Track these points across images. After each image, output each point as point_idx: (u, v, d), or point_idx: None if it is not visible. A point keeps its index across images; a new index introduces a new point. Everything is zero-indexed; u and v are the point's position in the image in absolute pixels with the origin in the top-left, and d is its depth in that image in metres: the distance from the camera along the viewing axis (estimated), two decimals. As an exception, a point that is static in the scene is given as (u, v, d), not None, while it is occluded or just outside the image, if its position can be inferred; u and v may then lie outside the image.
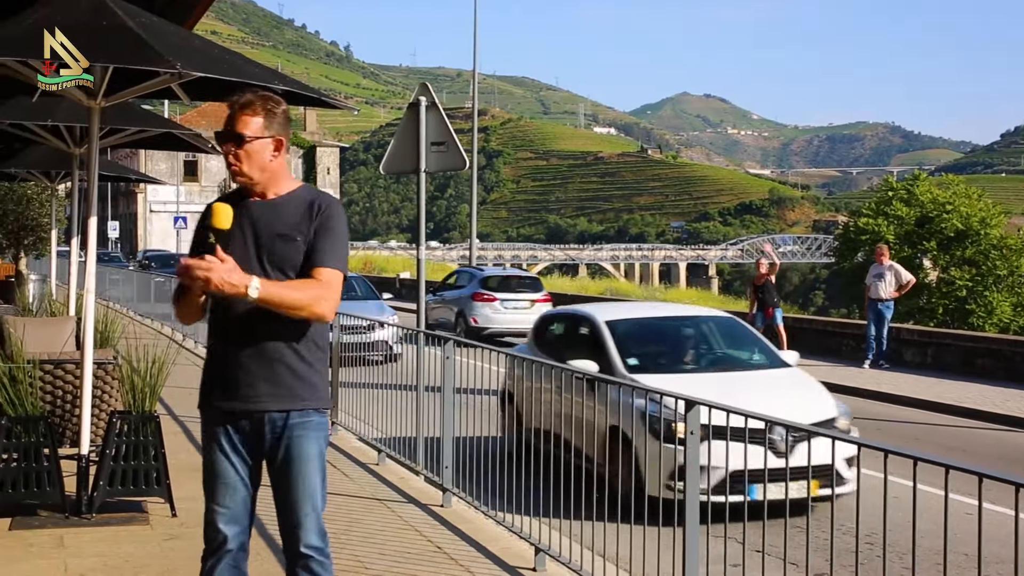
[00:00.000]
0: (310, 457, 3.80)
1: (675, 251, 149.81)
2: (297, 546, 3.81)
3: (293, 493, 3.80)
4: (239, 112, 3.78)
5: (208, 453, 3.86)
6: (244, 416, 3.78)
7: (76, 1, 6.14)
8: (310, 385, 3.80)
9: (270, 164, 3.82)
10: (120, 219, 71.72)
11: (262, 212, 3.80)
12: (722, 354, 10.31)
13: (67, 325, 9.76)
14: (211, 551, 3.85)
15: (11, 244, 28.49)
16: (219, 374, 3.82)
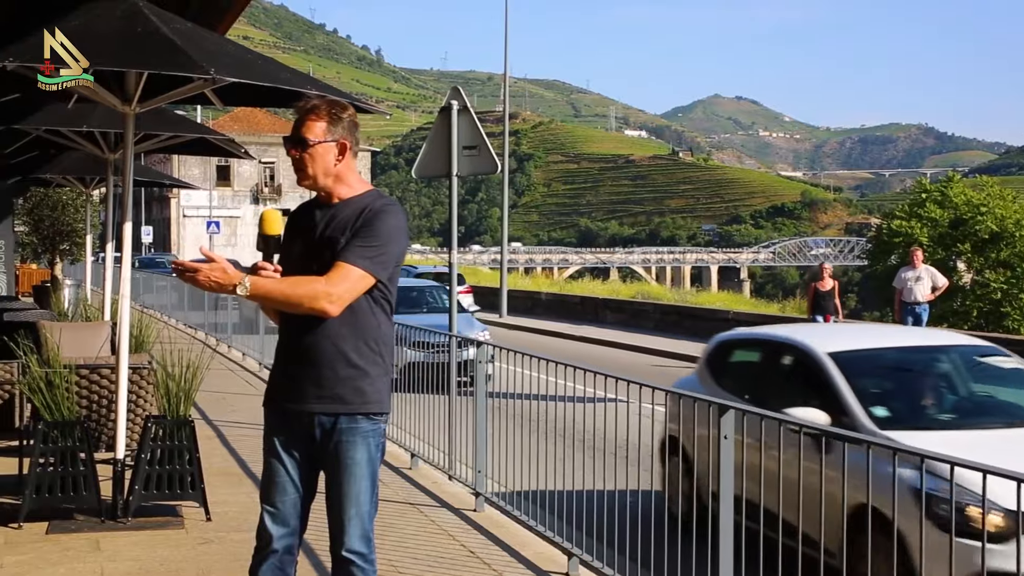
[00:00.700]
0: (356, 463, 3.81)
1: (706, 254, 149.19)
2: (339, 550, 3.83)
3: (338, 497, 3.82)
4: (305, 116, 3.86)
5: (265, 452, 3.93)
6: (296, 417, 3.84)
7: (111, 8, 6.18)
8: (359, 390, 3.80)
9: (334, 168, 3.87)
10: (154, 224, 72.22)
11: (322, 217, 3.87)
12: (1002, 402, 7.52)
13: (102, 330, 9.83)
14: (259, 549, 3.90)
15: (47, 249, 28.77)
16: (279, 374, 3.92)
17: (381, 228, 3.77)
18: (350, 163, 3.91)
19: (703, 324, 27.13)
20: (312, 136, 3.82)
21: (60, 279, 26.06)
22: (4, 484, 7.62)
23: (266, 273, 3.72)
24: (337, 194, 3.89)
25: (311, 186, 3.90)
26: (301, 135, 3.84)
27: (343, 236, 3.77)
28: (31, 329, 9.23)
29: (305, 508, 3.93)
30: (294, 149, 3.85)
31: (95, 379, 7.38)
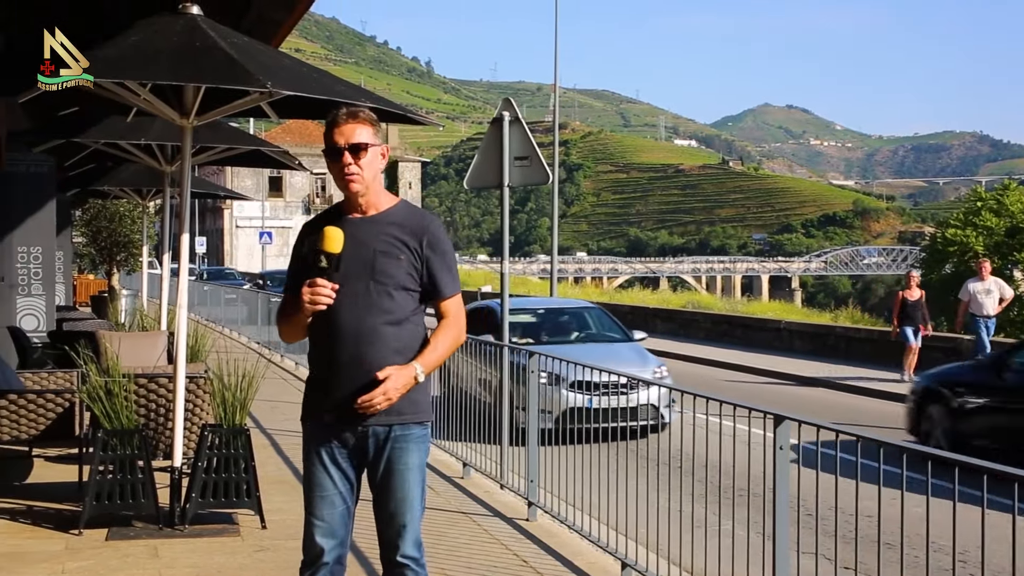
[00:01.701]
0: (410, 468, 3.85)
1: (757, 263, 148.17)
2: (394, 555, 3.85)
3: (392, 503, 3.85)
4: (350, 122, 3.83)
5: (308, 466, 3.92)
6: (348, 430, 3.84)
7: (171, 24, 6.28)
8: (413, 401, 3.85)
9: (379, 174, 3.91)
10: (207, 235, 73.08)
11: (363, 228, 3.84)
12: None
13: (160, 340, 9.97)
14: (308, 563, 3.91)
15: (104, 260, 29.17)
16: (324, 389, 3.87)
17: (448, 248, 3.94)
18: (381, 172, 3.97)
19: (754, 334, 26.97)
20: (367, 140, 3.83)
21: (117, 289, 26.42)
22: (65, 491, 7.76)
23: (324, 291, 3.67)
24: (375, 204, 3.90)
25: (361, 192, 3.85)
26: (356, 141, 3.81)
27: (402, 253, 3.82)
28: (90, 338, 9.38)
29: (351, 518, 3.96)
30: (351, 154, 3.81)
31: (153, 388, 7.48)
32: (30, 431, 7.68)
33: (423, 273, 3.86)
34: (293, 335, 4.00)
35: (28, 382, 8.30)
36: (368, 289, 3.79)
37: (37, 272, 13.32)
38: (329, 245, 3.69)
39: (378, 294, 3.79)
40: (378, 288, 3.79)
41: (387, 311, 3.80)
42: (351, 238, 3.77)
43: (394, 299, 3.81)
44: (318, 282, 3.68)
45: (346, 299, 3.76)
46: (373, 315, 3.78)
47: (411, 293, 3.86)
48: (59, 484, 8.11)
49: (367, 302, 3.79)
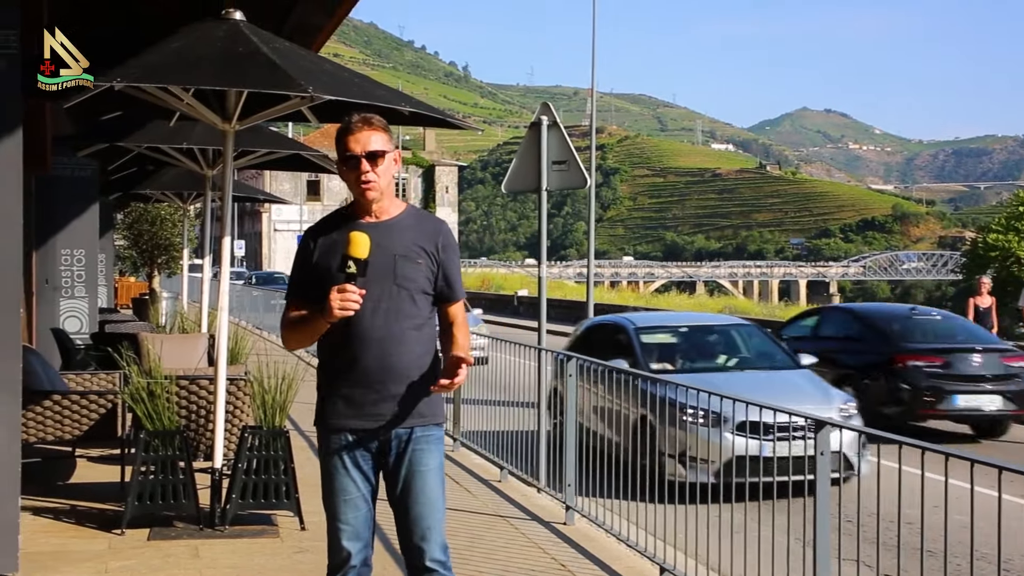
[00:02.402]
0: (431, 469, 3.88)
1: (795, 268, 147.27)
2: (423, 560, 3.85)
3: (417, 506, 3.85)
4: (365, 130, 3.83)
5: (328, 470, 3.91)
6: (371, 434, 3.85)
7: (213, 29, 6.34)
8: (432, 403, 3.90)
9: (392, 180, 3.93)
10: (246, 238, 73.61)
11: (381, 233, 3.83)
12: None
13: (200, 342, 10.05)
14: (336, 567, 3.92)
15: (145, 263, 29.45)
16: (343, 393, 3.86)
17: (457, 251, 4.01)
18: None
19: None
20: (382, 147, 3.83)
21: (158, 292, 26.67)
22: (107, 491, 7.84)
23: (353, 297, 3.64)
24: (387, 209, 3.91)
25: (377, 198, 3.85)
26: (373, 148, 3.81)
27: (421, 257, 3.86)
28: (132, 340, 9.47)
29: (373, 520, 3.97)
30: (368, 162, 3.81)
31: (194, 390, 7.54)
32: (73, 432, 7.78)
33: (439, 276, 3.90)
34: (302, 342, 3.95)
35: (71, 383, 8.40)
36: (391, 294, 3.81)
37: (80, 275, 13.48)
38: (357, 250, 3.67)
39: (401, 299, 3.82)
40: (401, 293, 3.82)
41: (410, 315, 3.83)
42: (372, 243, 3.74)
43: (416, 303, 3.85)
44: (348, 288, 3.64)
45: (369, 304, 3.75)
46: (398, 320, 3.81)
47: (428, 297, 3.90)
48: (101, 484, 8.19)
49: (391, 307, 3.81)
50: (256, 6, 7.86)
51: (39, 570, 5.96)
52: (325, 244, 3.87)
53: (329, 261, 3.81)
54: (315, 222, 4.08)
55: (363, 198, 3.86)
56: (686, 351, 11.56)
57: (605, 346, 11.22)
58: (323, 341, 3.89)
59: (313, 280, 3.84)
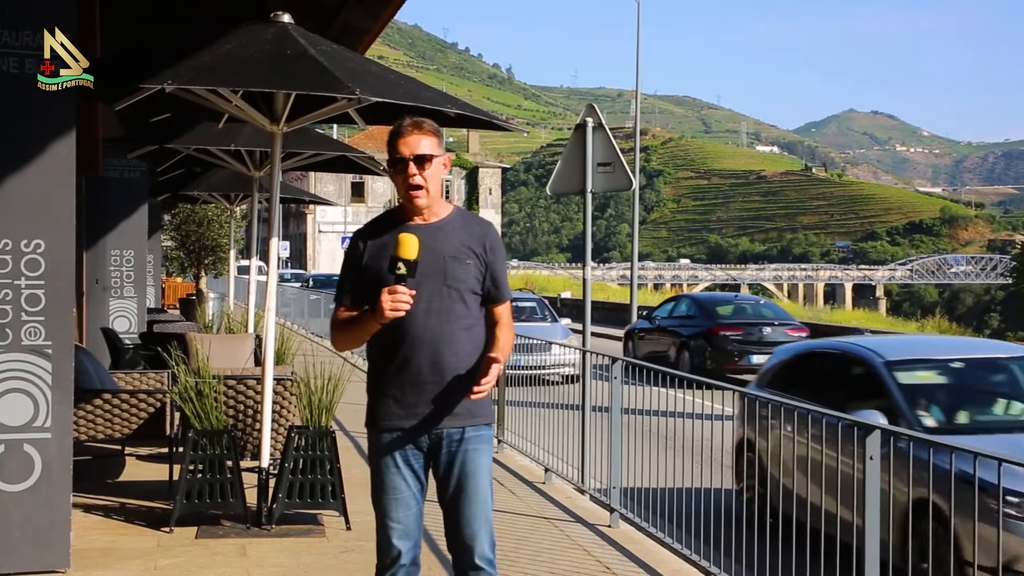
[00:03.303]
0: (483, 468, 3.93)
1: (840, 271, 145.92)
2: (472, 558, 3.89)
3: (468, 506, 3.89)
4: (415, 133, 3.88)
5: (379, 469, 3.95)
6: (423, 434, 3.89)
7: (262, 32, 6.39)
8: (482, 403, 3.94)
9: (441, 184, 3.96)
10: (290, 239, 74.13)
11: (431, 235, 3.87)
12: None
13: (247, 342, 10.13)
14: (385, 566, 3.96)
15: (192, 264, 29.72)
16: (394, 394, 3.90)
17: (504, 254, 4.04)
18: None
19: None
20: (431, 151, 3.88)
21: (204, 292, 26.92)
22: (156, 489, 7.93)
23: (404, 298, 3.68)
24: (435, 211, 3.96)
25: (425, 202, 3.89)
26: (422, 152, 3.86)
27: (470, 258, 3.90)
28: (180, 340, 9.57)
29: (422, 519, 4.01)
30: (416, 165, 3.85)
31: (241, 389, 7.60)
32: (123, 430, 7.87)
33: (487, 277, 3.94)
34: (353, 343, 4.02)
35: (121, 382, 8.50)
36: (442, 295, 3.85)
37: (129, 275, 13.64)
38: (406, 251, 3.71)
39: (452, 300, 3.86)
40: (451, 294, 3.86)
41: (461, 316, 3.88)
42: (421, 244, 3.79)
43: (466, 304, 3.89)
44: (398, 289, 3.69)
45: (421, 305, 3.80)
46: (450, 321, 3.85)
47: (478, 297, 3.94)
48: (150, 482, 8.28)
49: (442, 308, 3.85)
50: (302, 9, 7.92)
51: (90, 566, 6.03)
52: (374, 246, 3.92)
53: (379, 263, 3.85)
54: (363, 224, 4.11)
55: (410, 201, 3.90)
56: (963, 396, 8.14)
57: (832, 384, 8.57)
58: (373, 342, 3.93)
59: (363, 282, 3.89)
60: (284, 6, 6.74)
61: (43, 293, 5.79)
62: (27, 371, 5.77)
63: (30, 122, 5.77)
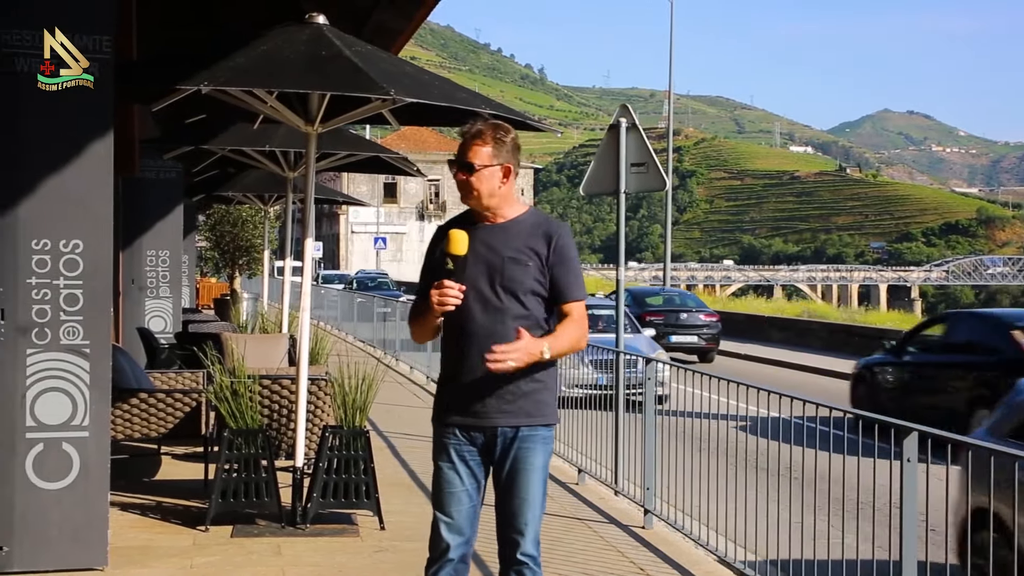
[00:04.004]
0: (535, 468, 3.97)
1: (875, 272, 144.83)
2: (515, 552, 3.97)
3: (516, 502, 3.96)
4: (471, 142, 4.00)
5: (436, 463, 4.05)
6: (477, 430, 3.97)
7: (297, 33, 6.43)
8: (540, 403, 3.98)
9: (499, 190, 4.01)
10: (323, 239, 74.49)
11: (492, 235, 3.99)
12: None
13: (281, 342, 10.18)
14: (433, 559, 4.03)
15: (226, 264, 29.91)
16: (454, 391, 4.01)
17: (574, 255, 4.05)
18: (511, 184, 4.07)
19: (873, 344, 26.35)
20: (479, 161, 3.97)
21: (238, 292, 27.10)
22: (191, 488, 7.97)
23: (451, 293, 3.82)
24: (501, 214, 4.04)
25: (477, 206, 4.02)
26: (468, 160, 3.98)
27: (530, 260, 3.95)
28: (215, 340, 9.63)
29: (477, 518, 4.06)
30: (461, 172, 3.99)
31: (276, 389, 7.64)
32: (159, 429, 7.94)
33: (550, 278, 3.98)
34: (423, 336, 4.16)
35: (157, 382, 8.58)
36: (498, 294, 3.92)
37: (165, 275, 13.73)
38: (454, 248, 3.85)
39: (508, 299, 3.93)
40: (507, 293, 3.93)
41: (518, 315, 3.94)
42: (482, 244, 3.92)
43: (524, 304, 3.95)
44: (446, 283, 3.83)
45: (477, 303, 3.91)
46: (505, 320, 3.92)
47: (539, 298, 3.98)
48: (186, 481, 8.34)
49: (498, 306, 3.93)
50: (336, 10, 7.95)
51: (127, 564, 6.08)
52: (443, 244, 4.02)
53: (438, 261, 3.99)
54: (444, 222, 4.21)
55: (466, 204, 4.05)
56: None
57: None
58: (442, 338, 4.07)
59: (433, 277, 3.99)
60: (318, 8, 6.77)
61: (81, 293, 5.84)
62: (66, 370, 5.82)
63: (69, 123, 5.82)
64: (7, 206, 5.74)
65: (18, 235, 5.75)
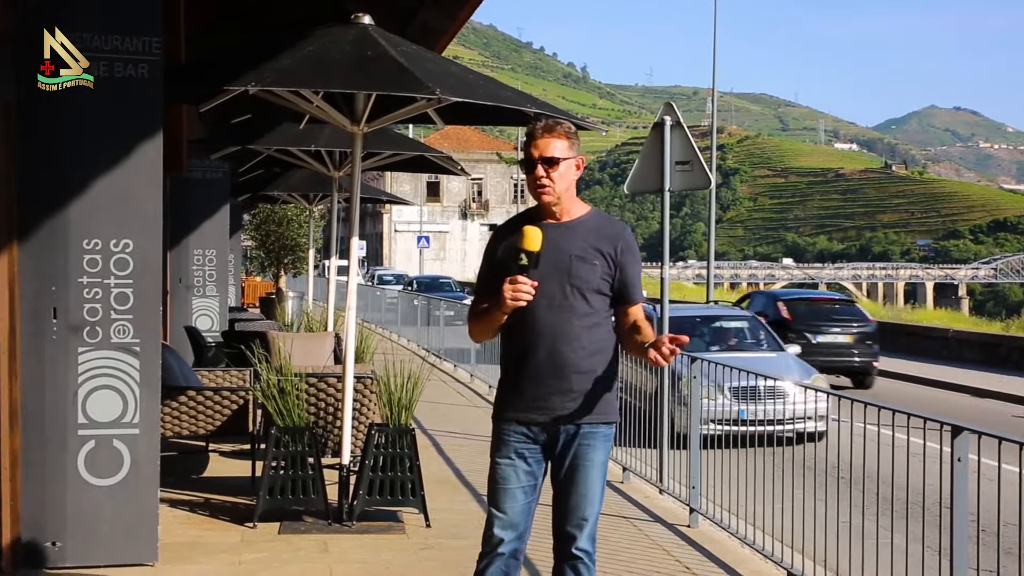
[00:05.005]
0: (595, 464, 4.00)
1: (921, 270, 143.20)
2: (570, 547, 3.99)
3: (574, 497, 3.99)
4: (546, 135, 4.01)
5: (493, 459, 4.08)
6: (539, 427, 4.00)
7: (343, 33, 6.47)
8: (603, 400, 4.01)
9: (572, 184, 4.04)
10: (367, 238, 74.82)
11: (559, 234, 4.00)
12: None
13: (327, 341, 10.24)
14: (485, 553, 4.06)
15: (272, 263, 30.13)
16: (515, 386, 4.04)
17: (638, 257, 4.09)
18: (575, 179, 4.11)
19: (920, 342, 26.14)
20: (559, 154, 3.99)
21: (284, 291, 27.28)
22: (239, 485, 8.05)
23: (524, 288, 3.82)
24: (567, 211, 4.06)
25: (553, 202, 4.02)
26: (549, 155, 3.98)
27: (597, 259, 3.98)
28: (262, 339, 9.70)
29: (531, 515, 4.09)
30: (543, 167, 3.97)
31: (322, 387, 7.68)
32: (207, 427, 8.01)
33: (616, 278, 4.01)
34: (485, 335, 4.15)
35: (204, 380, 8.65)
36: (564, 293, 3.95)
37: (211, 274, 13.87)
38: (529, 244, 3.87)
39: (575, 297, 3.95)
40: (574, 292, 3.95)
41: (583, 314, 3.96)
42: (548, 242, 3.93)
43: (589, 302, 3.97)
44: (519, 279, 3.83)
45: (543, 301, 3.92)
46: (571, 318, 3.95)
47: (604, 298, 4.01)
48: (233, 478, 8.41)
49: (564, 304, 3.95)
50: (380, 11, 7.98)
51: (177, 560, 6.15)
52: (508, 242, 4.05)
53: (508, 257, 3.98)
54: (503, 222, 4.25)
55: (538, 200, 4.04)
56: None
57: None
58: (503, 337, 4.08)
59: (496, 276, 3.99)
60: (363, 8, 6.81)
61: (131, 292, 5.92)
62: (116, 368, 5.90)
63: (119, 124, 5.89)
64: (59, 206, 5.83)
65: (70, 235, 5.83)
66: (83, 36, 5.78)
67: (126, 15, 5.88)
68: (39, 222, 5.81)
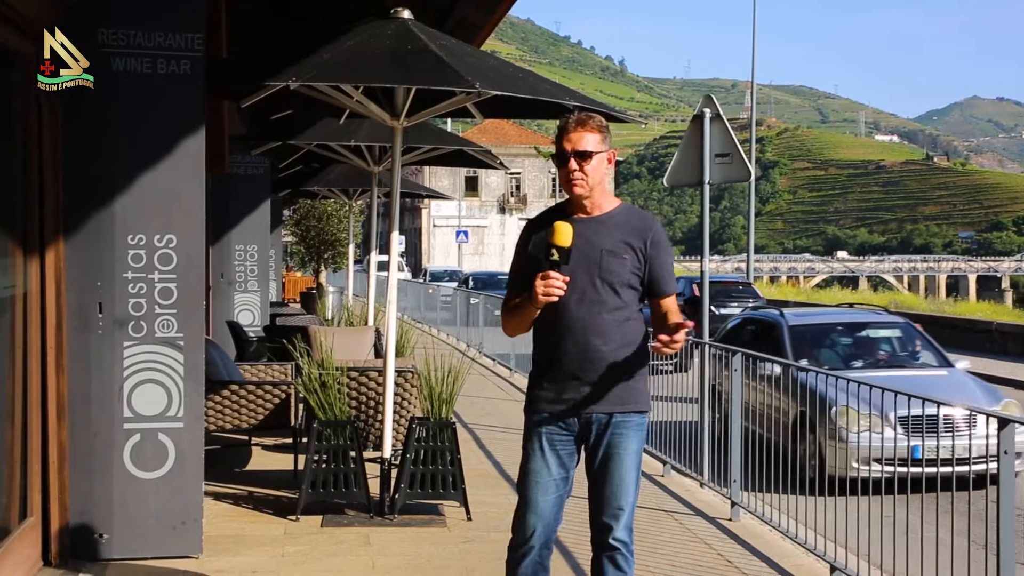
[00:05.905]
0: (628, 452, 4.01)
1: (963, 262, 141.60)
2: (607, 537, 4.00)
3: (610, 487, 4.01)
4: (579, 129, 4.02)
5: (526, 451, 4.10)
6: (571, 418, 4.02)
7: (383, 28, 6.49)
8: (634, 390, 4.03)
9: (604, 178, 4.06)
10: (405, 233, 74.99)
11: (589, 228, 4.02)
12: None
13: (367, 335, 10.29)
14: (517, 543, 4.10)
15: (312, 258, 30.28)
16: (547, 379, 4.05)
17: (669, 250, 4.10)
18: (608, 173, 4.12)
19: (962, 335, 25.87)
20: (592, 147, 4.00)
21: (324, 286, 27.40)
22: (281, 479, 8.11)
23: (556, 283, 3.83)
24: (598, 205, 4.08)
25: (584, 196, 4.04)
26: (582, 148, 3.99)
27: (627, 253, 3.99)
28: (303, 333, 9.76)
29: (562, 506, 4.11)
30: (576, 160, 3.99)
31: (363, 381, 7.72)
32: (250, 420, 8.08)
33: (645, 272, 4.02)
34: (518, 328, 4.16)
35: (246, 374, 8.73)
36: (595, 286, 3.96)
37: (253, 269, 13.97)
38: (560, 239, 3.88)
39: (605, 291, 3.97)
40: (604, 286, 3.97)
41: (614, 307, 3.98)
42: (579, 236, 3.94)
43: (620, 296, 3.99)
44: (551, 274, 3.85)
45: (574, 294, 3.93)
46: (601, 312, 3.96)
47: (635, 291, 4.02)
48: (276, 472, 8.47)
49: (595, 298, 3.97)
50: (419, 5, 8.00)
51: (221, 552, 6.20)
52: (539, 237, 4.07)
53: (540, 251, 4.00)
54: (534, 216, 4.26)
55: (571, 194, 4.06)
56: None
57: None
58: (535, 331, 4.10)
59: (529, 270, 4.01)
60: (401, 2, 6.83)
61: (175, 287, 5.97)
62: (161, 362, 5.96)
63: (162, 121, 5.95)
64: (104, 202, 5.89)
65: (115, 230, 5.90)
66: (127, 33, 5.85)
67: (169, 11, 5.93)
68: (85, 219, 5.88)
